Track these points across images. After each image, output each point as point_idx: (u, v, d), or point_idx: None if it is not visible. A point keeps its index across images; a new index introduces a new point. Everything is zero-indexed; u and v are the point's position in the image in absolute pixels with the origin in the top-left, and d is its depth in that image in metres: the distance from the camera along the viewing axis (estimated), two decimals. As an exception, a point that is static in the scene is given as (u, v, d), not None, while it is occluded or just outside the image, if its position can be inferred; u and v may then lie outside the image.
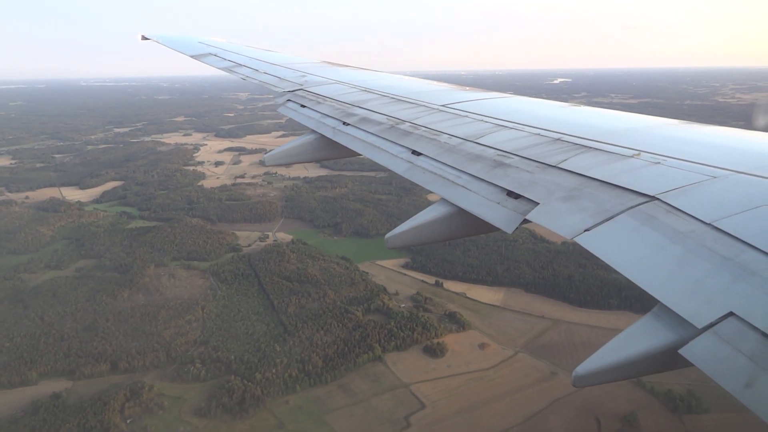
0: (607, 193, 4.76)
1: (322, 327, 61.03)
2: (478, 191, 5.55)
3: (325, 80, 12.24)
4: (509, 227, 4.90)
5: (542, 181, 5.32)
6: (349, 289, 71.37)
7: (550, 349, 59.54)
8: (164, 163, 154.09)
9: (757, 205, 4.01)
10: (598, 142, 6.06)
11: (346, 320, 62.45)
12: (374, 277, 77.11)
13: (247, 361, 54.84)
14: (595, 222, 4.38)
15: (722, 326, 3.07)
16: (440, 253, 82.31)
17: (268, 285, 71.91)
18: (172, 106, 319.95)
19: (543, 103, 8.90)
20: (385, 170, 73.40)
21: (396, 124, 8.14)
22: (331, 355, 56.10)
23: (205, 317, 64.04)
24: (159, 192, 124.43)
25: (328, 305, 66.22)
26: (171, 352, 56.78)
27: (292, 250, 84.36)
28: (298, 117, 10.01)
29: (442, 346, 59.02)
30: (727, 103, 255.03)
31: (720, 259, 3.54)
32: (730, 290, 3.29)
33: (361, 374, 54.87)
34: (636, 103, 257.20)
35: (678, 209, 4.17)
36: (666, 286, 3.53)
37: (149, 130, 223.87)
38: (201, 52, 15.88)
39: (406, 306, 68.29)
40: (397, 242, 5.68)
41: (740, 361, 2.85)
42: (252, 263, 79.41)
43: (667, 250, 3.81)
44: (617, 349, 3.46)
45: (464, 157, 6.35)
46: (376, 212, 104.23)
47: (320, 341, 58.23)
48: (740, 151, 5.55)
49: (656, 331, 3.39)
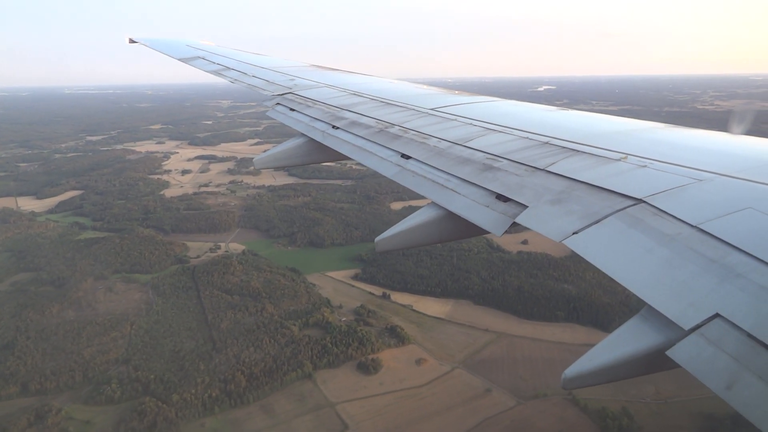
0: (595, 196, 4.77)
1: (253, 343, 58.51)
2: (468, 194, 5.58)
3: (315, 84, 12.21)
4: (498, 230, 4.93)
5: (531, 184, 5.32)
6: (290, 303, 68.94)
7: (488, 364, 57.32)
8: (130, 171, 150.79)
9: (741, 208, 4.07)
10: (586, 145, 6.11)
11: (280, 336, 60.01)
12: (321, 289, 74.72)
13: (167, 380, 52.18)
14: (583, 225, 4.41)
15: (708, 327, 3.10)
16: (392, 264, 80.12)
17: (207, 299, 69.31)
18: (151, 113, 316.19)
19: (531, 107, 8.91)
20: (354, 177, 72.79)
21: (385, 127, 8.18)
22: (257, 373, 53.50)
23: (133, 334, 61.27)
24: (117, 201, 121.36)
25: (265, 320, 63.70)
26: (88, 372, 54.05)
27: (240, 261, 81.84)
28: (288, 120, 9.98)
29: (377, 362, 56.72)
30: (705, 110, 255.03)
31: (706, 261, 3.58)
32: (716, 292, 3.31)
33: (287, 393, 52.38)
34: (616, 110, 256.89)
35: (665, 212, 4.20)
36: (653, 288, 3.55)
37: (122, 138, 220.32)
38: (189, 56, 15.70)
39: (347, 320, 65.92)
40: (386, 246, 5.71)
41: (725, 361, 2.89)
42: (195, 276, 76.74)
43: (654, 252, 3.84)
44: (606, 351, 3.45)
45: (453, 161, 6.40)
46: (335, 221, 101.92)
47: (248, 359, 55.67)
48: (725, 155, 5.60)
49: (644, 332, 3.40)
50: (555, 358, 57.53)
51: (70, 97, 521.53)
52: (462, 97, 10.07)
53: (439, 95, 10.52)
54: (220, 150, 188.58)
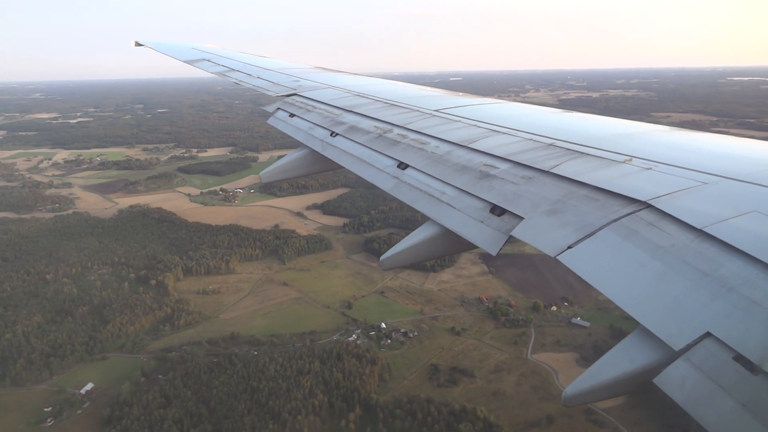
0: (591, 205, 4.76)
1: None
2: (463, 208, 5.55)
3: (319, 85, 12.23)
4: (494, 248, 4.87)
5: (527, 193, 5.32)
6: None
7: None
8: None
9: (747, 211, 4.07)
10: (591, 147, 6.14)
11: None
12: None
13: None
14: (578, 237, 4.38)
15: (697, 350, 3.09)
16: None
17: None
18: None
19: (536, 109, 9.04)
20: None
21: (385, 132, 8.05)
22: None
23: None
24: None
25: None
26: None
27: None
28: (288, 129, 9.86)
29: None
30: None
31: (699, 274, 3.55)
32: (708, 308, 3.29)
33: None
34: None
35: (669, 214, 4.21)
36: (645, 305, 3.54)
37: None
38: (194, 58, 16.03)
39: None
40: (391, 264, 5.82)
41: (710, 389, 2.86)
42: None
43: (647, 266, 3.81)
44: (604, 369, 3.50)
45: (451, 168, 6.33)
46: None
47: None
48: (731, 158, 5.67)
49: (639, 351, 3.40)
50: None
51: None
52: (466, 99, 10.02)
53: (443, 97, 10.51)
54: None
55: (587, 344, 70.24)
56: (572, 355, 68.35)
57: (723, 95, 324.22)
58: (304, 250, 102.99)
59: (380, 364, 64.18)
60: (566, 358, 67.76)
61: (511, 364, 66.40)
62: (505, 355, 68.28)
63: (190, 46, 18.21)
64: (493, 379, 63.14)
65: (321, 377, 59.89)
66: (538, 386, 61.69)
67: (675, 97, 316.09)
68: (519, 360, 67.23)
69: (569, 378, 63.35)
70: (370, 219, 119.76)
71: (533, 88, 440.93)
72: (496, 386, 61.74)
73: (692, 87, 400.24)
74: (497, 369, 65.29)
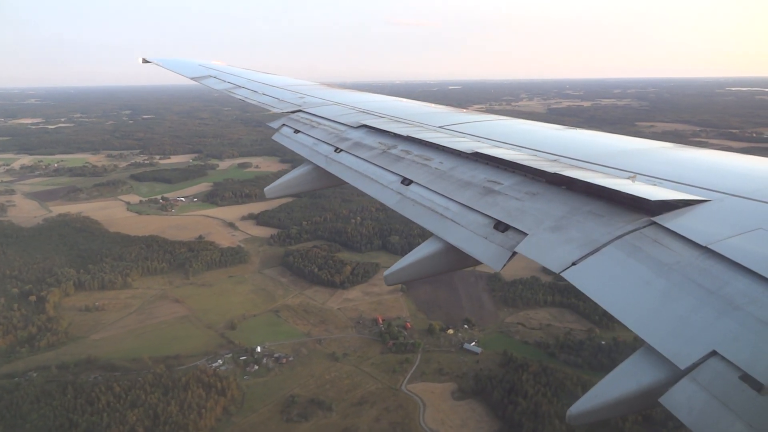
0: (595, 221, 4.70)
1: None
2: (467, 224, 5.51)
3: (324, 102, 12.27)
4: (497, 264, 4.84)
5: (531, 209, 5.25)
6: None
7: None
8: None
9: (753, 228, 4.04)
10: (595, 164, 6.10)
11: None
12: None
13: None
14: (582, 254, 4.34)
15: (703, 369, 3.07)
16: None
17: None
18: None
19: (540, 126, 9.09)
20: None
21: (389, 147, 8.07)
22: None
23: None
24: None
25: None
26: None
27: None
28: (292, 145, 9.91)
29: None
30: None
31: (704, 292, 3.52)
32: (714, 326, 3.26)
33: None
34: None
35: (673, 232, 4.18)
36: (650, 323, 3.51)
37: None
38: (201, 75, 16.24)
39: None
40: (395, 279, 5.77)
41: (717, 409, 2.85)
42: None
43: (652, 284, 3.77)
44: (609, 388, 3.47)
45: (455, 184, 6.32)
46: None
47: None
48: (736, 175, 5.62)
49: (645, 370, 3.36)
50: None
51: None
52: (470, 115, 10.14)
53: (447, 113, 10.58)
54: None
55: (471, 373, 63.91)
56: (450, 385, 62.19)
57: (714, 105, 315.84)
58: (216, 263, 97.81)
59: (230, 395, 58.60)
60: (443, 389, 61.62)
61: (379, 395, 60.35)
62: (378, 385, 62.27)
63: (197, 63, 18.28)
64: (351, 414, 57.16)
65: (153, 411, 54.39)
66: (398, 423, 55.59)
67: (666, 107, 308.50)
68: (389, 391, 61.12)
69: (438, 413, 57.40)
70: (299, 231, 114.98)
71: (527, 97, 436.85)
72: (351, 422, 55.75)
73: (686, 97, 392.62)
74: (361, 401, 59.27)
